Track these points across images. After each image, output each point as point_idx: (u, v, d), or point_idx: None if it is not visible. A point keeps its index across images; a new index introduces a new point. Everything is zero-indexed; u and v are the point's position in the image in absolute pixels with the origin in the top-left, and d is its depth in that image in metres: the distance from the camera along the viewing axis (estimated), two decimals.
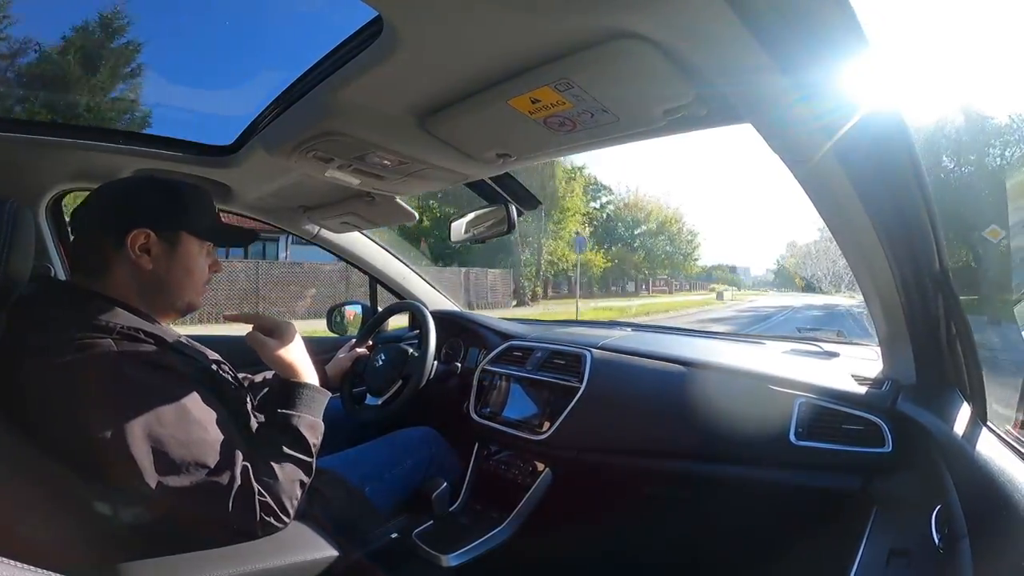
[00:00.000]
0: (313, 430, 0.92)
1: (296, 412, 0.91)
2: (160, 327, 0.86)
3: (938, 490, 0.78)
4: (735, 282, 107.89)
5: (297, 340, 1.01)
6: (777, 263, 74.12)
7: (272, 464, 0.83)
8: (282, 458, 0.85)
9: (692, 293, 50.32)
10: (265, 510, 0.79)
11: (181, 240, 0.91)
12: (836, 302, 34.57)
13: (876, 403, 1.05)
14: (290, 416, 0.90)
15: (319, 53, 0.87)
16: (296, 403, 0.92)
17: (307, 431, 0.90)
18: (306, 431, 0.90)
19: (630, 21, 0.58)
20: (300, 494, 0.86)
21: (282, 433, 0.89)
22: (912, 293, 0.88)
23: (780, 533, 1.18)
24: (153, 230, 0.87)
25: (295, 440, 0.88)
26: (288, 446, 0.87)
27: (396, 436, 1.44)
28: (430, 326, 1.51)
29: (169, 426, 0.74)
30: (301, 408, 0.92)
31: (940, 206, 0.78)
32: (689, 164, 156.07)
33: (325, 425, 0.95)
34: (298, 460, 0.86)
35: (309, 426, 0.91)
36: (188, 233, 0.92)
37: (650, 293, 41.75)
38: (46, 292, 0.85)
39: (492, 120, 0.86)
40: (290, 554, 0.80)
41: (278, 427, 0.90)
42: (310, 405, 0.94)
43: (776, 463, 1.12)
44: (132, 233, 0.85)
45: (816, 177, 0.74)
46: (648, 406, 1.31)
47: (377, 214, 1.54)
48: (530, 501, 1.39)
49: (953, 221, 13.31)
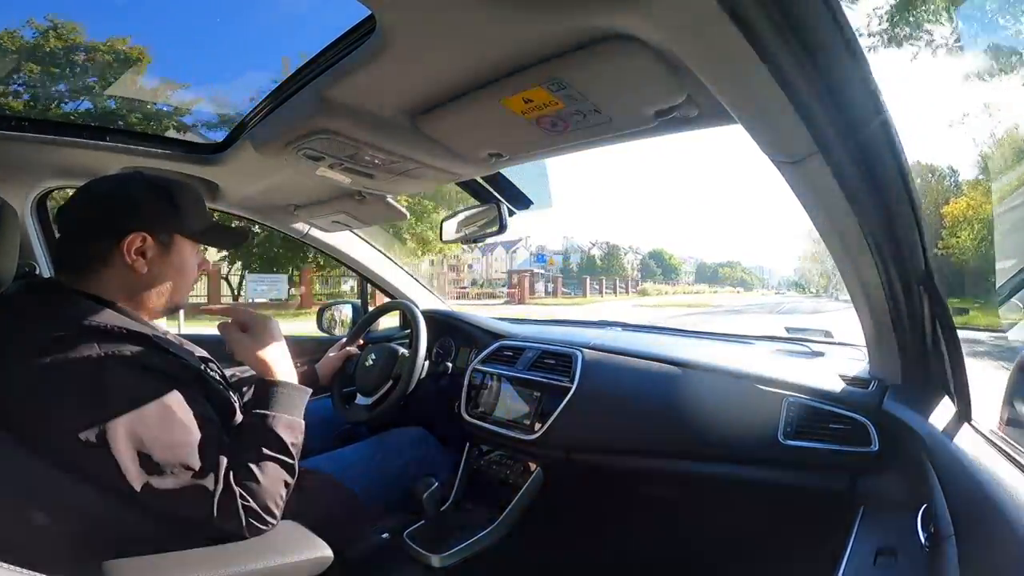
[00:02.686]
0: (292, 430, 0.89)
1: (271, 412, 0.88)
2: (146, 326, 0.85)
3: (924, 489, 0.79)
4: (745, 282, 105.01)
5: (273, 335, 0.97)
6: (798, 260, 72.25)
7: (251, 467, 0.81)
8: (262, 460, 0.83)
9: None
10: (249, 514, 0.78)
11: (175, 242, 0.90)
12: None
13: (862, 403, 1.06)
14: (266, 417, 0.88)
15: (311, 51, 0.86)
16: (271, 403, 0.89)
17: (284, 431, 0.87)
18: (283, 431, 0.87)
19: (622, 22, 0.59)
20: (285, 494, 0.85)
21: (260, 435, 0.86)
22: (898, 293, 0.89)
23: (768, 532, 1.19)
24: (150, 234, 0.85)
25: (272, 441, 0.86)
26: (267, 447, 0.84)
27: (387, 436, 1.43)
28: (421, 326, 1.50)
29: (153, 428, 0.74)
30: (276, 408, 0.89)
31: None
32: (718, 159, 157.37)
33: (315, 425, 0.95)
34: (278, 461, 0.85)
35: (287, 426, 0.88)
36: (182, 235, 0.90)
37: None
38: (31, 291, 0.84)
39: (484, 120, 0.86)
40: (280, 554, 0.80)
41: (256, 429, 0.88)
42: (287, 404, 0.91)
43: (764, 462, 1.13)
44: (128, 237, 0.84)
45: (804, 178, 0.75)
46: (639, 406, 1.32)
47: (368, 213, 1.53)
48: (521, 501, 1.39)
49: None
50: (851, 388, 1.12)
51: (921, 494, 0.80)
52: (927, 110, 67.84)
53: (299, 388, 0.95)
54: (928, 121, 65.70)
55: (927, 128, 66.86)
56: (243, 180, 1.39)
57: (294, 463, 0.88)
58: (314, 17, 6.42)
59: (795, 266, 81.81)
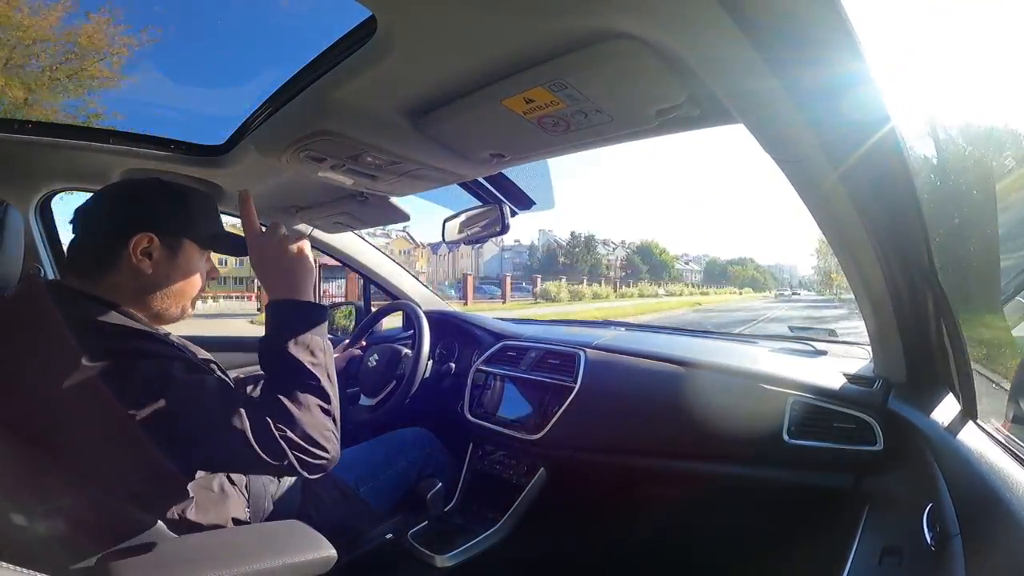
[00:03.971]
0: (307, 348, 0.83)
1: (279, 335, 0.84)
2: (151, 328, 0.85)
3: (929, 488, 0.79)
4: (757, 281, 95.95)
5: (293, 253, 0.89)
6: (816, 254, 65.43)
7: (279, 398, 0.78)
8: (285, 388, 0.80)
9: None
10: (293, 447, 0.76)
11: (183, 247, 0.89)
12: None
13: (867, 401, 1.06)
14: (273, 340, 0.84)
15: (312, 53, 0.86)
16: (277, 325, 0.85)
17: (301, 352, 0.82)
18: (299, 352, 0.82)
19: (624, 22, 0.59)
20: (327, 422, 0.81)
21: (273, 363, 0.83)
22: (902, 291, 0.89)
23: (773, 531, 1.19)
24: (156, 235, 0.85)
25: (289, 365, 0.82)
26: (285, 373, 0.81)
27: (390, 436, 1.44)
28: (424, 326, 1.50)
29: (179, 407, 0.73)
30: (284, 330, 0.84)
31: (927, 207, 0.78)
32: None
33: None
34: (302, 385, 0.81)
35: (303, 346, 0.83)
36: (191, 240, 0.90)
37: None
38: (36, 292, 0.84)
39: (486, 120, 0.86)
40: (285, 554, 0.80)
41: (267, 357, 0.84)
42: (296, 322, 0.85)
43: (769, 461, 1.13)
44: (135, 237, 0.84)
45: (806, 176, 0.74)
46: (642, 406, 1.32)
47: (370, 214, 1.53)
48: (524, 501, 1.40)
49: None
50: (855, 387, 1.11)
51: (927, 493, 0.80)
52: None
53: (307, 303, 0.88)
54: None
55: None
56: (245, 182, 1.39)
57: (321, 385, 0.83)
58: (314, 18, 6.43)
59: (813, 263, 73.68)
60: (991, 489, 0.64)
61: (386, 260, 2.03)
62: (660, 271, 76.91)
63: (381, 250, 2.02)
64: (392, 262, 2.04)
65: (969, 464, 0.72)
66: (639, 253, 77.10)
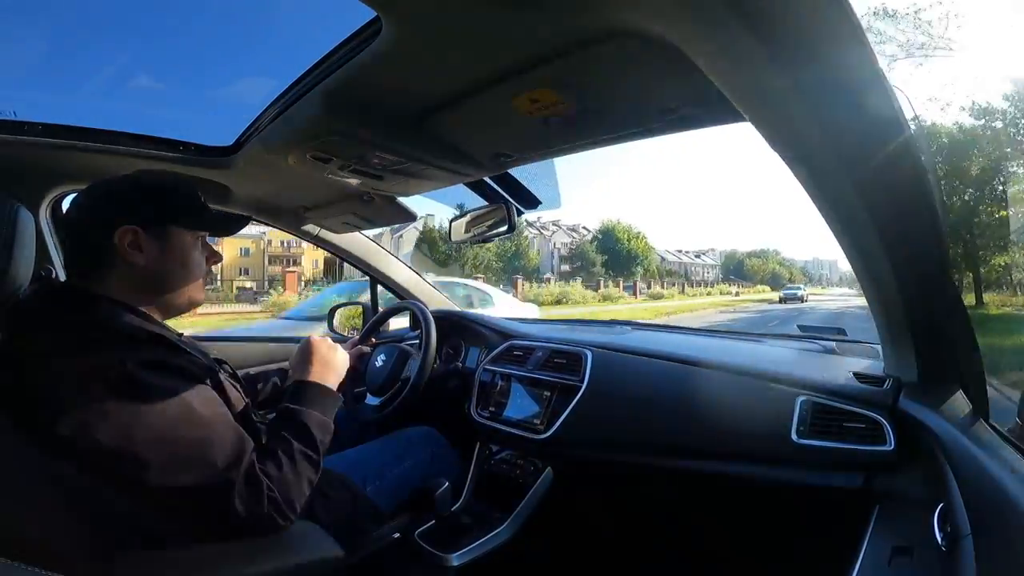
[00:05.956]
0: (322, 428, 0.91)
1: (304, 408, 0.92)
2: (161, 327, 0.86)
3: (940, 488, 0.78)
4: (778, 277, 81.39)
5: (331, 359, 1.06)
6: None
7: (280, 455, 0.83)
8: (291, 451, 0.84)
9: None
10: (273, 505, 0.78)
11: (171, 234, 0.89)
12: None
13: (877, 401, 1.05)
14: (299, 411, 0.91)
15: (318, 54, 0.87)
16: (305, 400, 0.94)
17: (316, 428, 0.90)
18: (315, 428, 0.90)
19: (629, 21, 0.58)
20: (307, 492, 0.85)
21: (291, 427, 0.89)
22: (912, 290, 0.88)
23: (782, 531, 1.18)
24: (140, 226, 0.86)
25: (303, 435, 0.88)
26: (297, 440, 0.86)
27: (397, 436, 1.44)
28: (431, 326, 1.51)
29: (178, 427, 0.74)
30: (310, 405, 0.93)
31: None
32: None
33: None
34: (307, 456, 0.86)
35: (319, 424, 0.91)
36: (177, 226, 0.90)
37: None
38: (47, 294, 0.85)
39: (492, 120, 0.86)
40: (293, 554, 0.80)
41: (287, 420, 0.90)
42: (320, 404, 0.95)
43: (778, 461, 1.12)
44: (119, 230, 0.84)
45: (815, 175, 0.74)
46: (649, 405, 1.31)
47: (377, 214, 1.54)
48: (531, 500, 1.40)
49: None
50: (865, 386, 1.10)
51: (938, 493, 0.79)
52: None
53: (334, 394, 1.00)
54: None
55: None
56: (253, 182, 1.41)
57: (319, 461, 0.88)
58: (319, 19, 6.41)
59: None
60: (1003, 489, 0.63)
61: (393, 260, 2.03)
62: (622, 265, 50.03)
63: (389, 250, 2.02)
64: (399, 262, 2.05)
65: (981, 464, 0.71)
66: (603, 236, 51.82)
